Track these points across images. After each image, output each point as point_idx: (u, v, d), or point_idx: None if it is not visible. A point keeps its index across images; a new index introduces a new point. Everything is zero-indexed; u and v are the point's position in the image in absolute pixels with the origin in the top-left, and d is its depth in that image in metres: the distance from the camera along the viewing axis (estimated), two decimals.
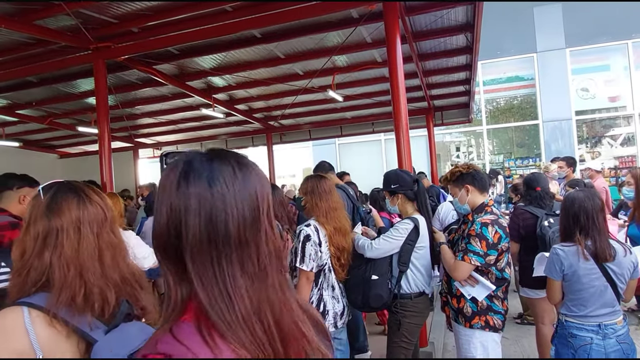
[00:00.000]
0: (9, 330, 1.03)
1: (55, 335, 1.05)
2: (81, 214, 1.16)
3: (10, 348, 1.02)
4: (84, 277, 1.10)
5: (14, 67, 6.33)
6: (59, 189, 1.21)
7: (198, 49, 6.28)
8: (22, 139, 11.26)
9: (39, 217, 1.15)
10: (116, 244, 1.21)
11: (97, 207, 1.20)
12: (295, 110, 9.78)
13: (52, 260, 1.10)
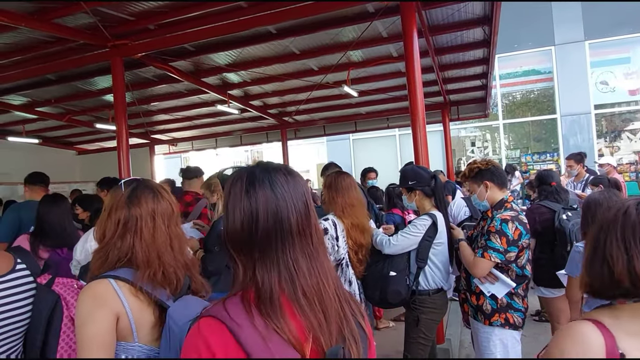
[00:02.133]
0: (105, 295, 1.23)
1: (139, 303, 1.26)
2: (156, 207, 1.35)
3: (110, 307, 1.21)
4: (161, 258, 1.31)
5: (33, 65, 6.43)
6: (138, 184, 1.39)
7: (213, 46, 6.31)
8: (41, 135, 11.46)
9: (120, 207, 1.33)
10: (180, 235, 1.43)
11: (167, 203, 1.39)
12: (309, 106, 9.77)
13: (135, 243, 1.30)
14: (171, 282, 1.31)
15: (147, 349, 1.28)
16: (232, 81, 8.11)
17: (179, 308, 1.24)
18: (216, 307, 0.87)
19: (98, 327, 1.18)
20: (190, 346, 0.84)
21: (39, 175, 4.13)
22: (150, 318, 1.27)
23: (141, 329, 1.26)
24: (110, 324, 1.20)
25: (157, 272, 1.28)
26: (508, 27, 9.89)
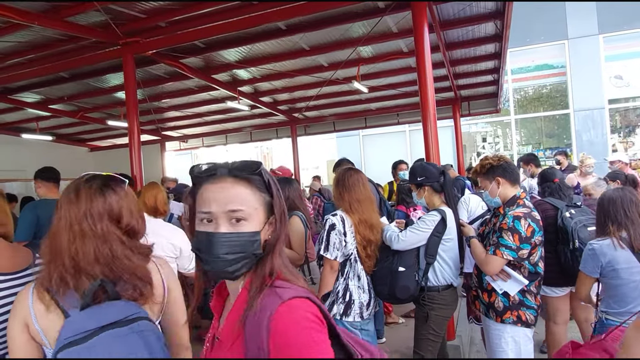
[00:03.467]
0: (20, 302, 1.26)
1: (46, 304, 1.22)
2: (68, 209, 1.30)
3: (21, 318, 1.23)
4: (57, 265, 1.23)
5: (47, 64, 6.51)
6: (70, 185, 1.37)
7: (223, 42, 6.32)
8: (55, 132, 11.60)
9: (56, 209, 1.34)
10: (90, 235, 1.28)
11: (80, 202, 1.31)
12: (319, 102, 9.76)
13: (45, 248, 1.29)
14: (78, 288, 1.23)
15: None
16: (242, 78, 8.13)
17: (78, 318, 1.17)
18: (280, 292, 0.92)
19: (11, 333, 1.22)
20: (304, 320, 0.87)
21: (51, 170, 4.15)
22: (56, 324, 1.20)
23: (50, 337, 1.21)
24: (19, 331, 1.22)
25: (58, 278, 1.23)
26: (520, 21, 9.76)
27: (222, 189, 0.96)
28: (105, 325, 1.14)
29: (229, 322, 0.96)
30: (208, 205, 0.96)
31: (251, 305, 0.91)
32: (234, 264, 0.94)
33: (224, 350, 0.94)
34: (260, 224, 0.97)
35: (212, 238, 0.93)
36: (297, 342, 0.84)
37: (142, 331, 1.19)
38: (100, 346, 1.10)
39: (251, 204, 0.96)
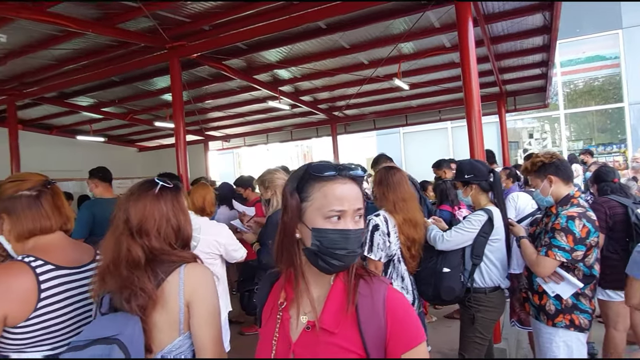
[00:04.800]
0: None
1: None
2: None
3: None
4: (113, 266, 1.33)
5: (99, 69, 6.84)
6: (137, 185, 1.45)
7: (265, 43, 6.41)
8: (106, 134, 12.19)
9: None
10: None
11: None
12: (359, 100, 9.71)
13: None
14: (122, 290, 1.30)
15: None
16: (282, 77, 8.22)
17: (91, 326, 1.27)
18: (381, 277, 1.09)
19: None
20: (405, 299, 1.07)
21: (106, 171, 4.34)
22: None
23: None
24: None
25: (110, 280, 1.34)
26: (569, 10, 9.30)
27: (350, 189, 1.05)
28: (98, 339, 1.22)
29: (330, 310, 1.03)
30: (340, 204, 1.02)
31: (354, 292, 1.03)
32: (355, 258, 1.05)
33: (329, 336, 1.01)
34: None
35: (349, 234, 1.01)
36: (408, 318, 1.01)
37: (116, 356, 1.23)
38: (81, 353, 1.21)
39: (362, 203, 1.06)
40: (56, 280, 1.39)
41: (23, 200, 1.45)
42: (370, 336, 0.97)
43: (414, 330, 1.00)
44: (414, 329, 1.00)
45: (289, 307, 1.10)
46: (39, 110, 9.72)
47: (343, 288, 1.03)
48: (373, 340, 0.97)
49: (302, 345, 1.03)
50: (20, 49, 5.96)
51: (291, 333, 1.07)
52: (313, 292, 1.08)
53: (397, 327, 0.98)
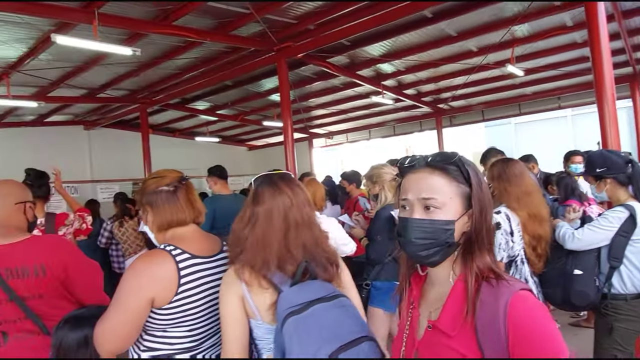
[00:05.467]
0: (229, 281, 1.41)
1: (257, 286, 1.38)
2: (273, 203, 1.44)
3: (234, 291, 1.39)
4: (269, 250, 1.39)
5: (215, 74, 7.42)
6: (260, 182, 1.50)
7: (368, 38, 6.39)
8: (220, 135, 13.19)
9: (248, 204, 1.48)
10: (300, 223, 1.45)
11: (285, 196, 1.46)
12: (467, 90, 9.23)
13: (248, 236, 1.42)
14: (284, 269, 1.38)
15: (270, 328, 1.38)
16: (385, 72, 8.13)
17: (290, 293, 1.33)
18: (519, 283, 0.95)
19: (227, 308, 1.38)
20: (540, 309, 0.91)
21: (223, 169, 4.66)
22: (269, 299, 1.37)
23: (261, 309, 1.38)
24: (234, 306, 1.38)
25: (261, 262, 1.38)
26: None
27: (419, 178, 1.01)
28: (313, 300, 1.29)
29: (449, 311, 0.98)
30: (405, 193, 1.03)
31: (475, 296, 0.94)
32: (426, 250, 0.98)
33: (446, 338, 0.96)
34: (455, 214, 0.98)
35: (406, 223, 1.00)
36: (538, 331, 0.87)
37: (345, 306, 1.32)
38: (316, 315, 1.25)
39: (445, 193, 0.98)
40: (192, 267, 1.50)
41: (163, 194, 1.59)
42: (489, 346, 0.89)
43: (546, 346, 0.85)
44: (548, 345, 0.85)
45: (417, 305, 1.08)
46: (165, 116, 10.86)
47: (463, 289, 0.96)
48: (492, 351, 0.89)
49: (424, 345, 1.02)
50: (150, 61, 6.69)
51: (418, 331, 1.05)
52: (435, 290, 1.06)
53: (520, 340, 0.86)
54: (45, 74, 6.60)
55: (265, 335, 1.41)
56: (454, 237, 0.97)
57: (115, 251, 5.60)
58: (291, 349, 1.20)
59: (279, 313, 1.29)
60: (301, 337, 1.20)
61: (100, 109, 9.89)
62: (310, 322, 1.24)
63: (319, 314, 1.26)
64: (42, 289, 1.77)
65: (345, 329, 1.24)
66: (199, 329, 1.53)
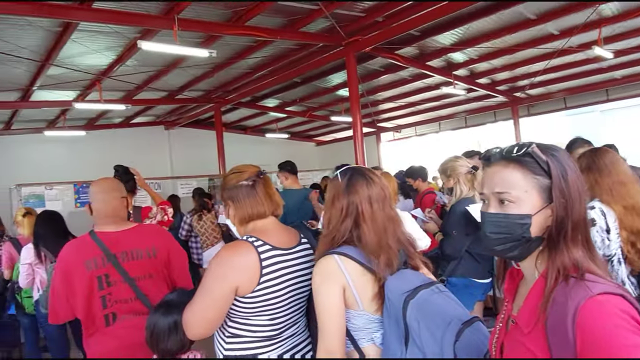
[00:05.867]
0: (330, 270, 1.40)
1: (360, 275, 1.40)
2: (370, 193, 1.45)
3: (335, 281, 1.39)
4: (381, 238, 1.42)
5: (284, 72, 7.58)
6: (352, 173, 1.50)
7: (438, 27, 6.19)
8: (289, 131, 13.48)
9: (341, 195, 1.47)
10: (393, 216, 1.49)
11: (378, 187, 1.48)
12: (546, 77, 8.64)
13: (360, 225, 1.43)
14: (390, 259, 1.39)
15: (372, 317, 1.39)
16: (457, 61, 7.83)
17: (395, 281, 1.35)
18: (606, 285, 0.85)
19: (329, 298, 1.38)
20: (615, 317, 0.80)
21: (294, 165, 4.75)
22: (371, 289, 1.39)
23: (364, 299, 1.38)
24: (337, 295, 1.37)
25: (383, 252, 1.40)
26: None
27: (493, 172, 1.00)
28: (418, 286, 1.32)
29: (526, 308, 0.95)
30: (482, 187, 1.03)
31: (549, 295, 0.89)
32: (501, 244, 0.96)
33: (521, 334, 0.94)
34: (532, 208, 0.93)
35: (482, 217, 1.00)
36: (606, 340, 0.78)
37: (443, 291, 1.36)
38: (428, 300, 1.29)
39: (520, 186, 0.95)
40: (273, 259, 1.55)
41: (243, 189, 1.65)
42: (557, 348, 0.84)
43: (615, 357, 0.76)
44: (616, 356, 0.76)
45: (511, 299, 1.06)
46: (236, 114, 11.30)
47: (543, 286, 0.92)
48: (560, 353, 0.84)
49: (509, 339, 1.00)
50: (224, 62, 6.98)
51: (507, 325, 1.04)
52: (524, 285, 1.03)
53: (587, 348, 0.79)
54: (132, 78, 7.13)
55: (367, 325, 1.41)
56: (530, 231, 0.93)
57: (195, 243, 5.93)
58: (419, 333, 1.23)
59: (393, 299, 1.31)
60: (426, 321, 1.24)
61: (178, 109, 10.52)
62: (426, 306, 1.27)
63: (429, 298, 1.29)
64: (152, 269, 2.06)
65: (455, 311, 1.28)
66: (279, 319, 1.58)
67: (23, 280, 3.35)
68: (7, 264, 3.73)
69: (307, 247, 1.69)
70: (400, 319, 1.27)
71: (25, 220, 3.73)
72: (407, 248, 1.49)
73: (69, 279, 1.94)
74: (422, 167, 5.21)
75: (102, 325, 1.95)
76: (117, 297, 1.97)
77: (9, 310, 3.87)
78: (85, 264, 1.93)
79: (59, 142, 9.89)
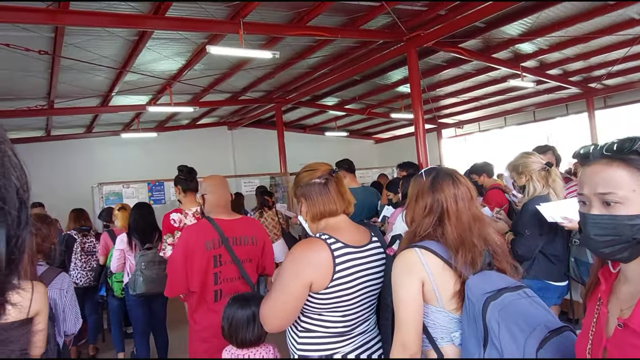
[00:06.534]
0: (411, 263, 1.41)
1: (441, 271, 1.38)
2: (456, 192, 1.45)
3: (416, 274, 1.39)
4: (465, 236, 1.41)
5: (344, 70, 7.60)
6: (437, 172, 1.52)
7: (505, 17, 5.92)
8: (348, 129, 13.49)
9: (425, 193, 1.49)
10: (479, 215, 1.48)
11: (465, 187, 1.48)
12: (626, 65, 7.99)
13: (444, 222, 1.43)
14: (473, 257, 1.38)
15: (452, 315, 1.37)
16: (525, 52, 7.45)
17: (477, 280, 1.32)
18: None
19: (408, 291, 1.37)
20: None
21: (349, 162, 4.74)
22: (452, 287, 1.37)
23: (444, 295, 1.37)
24: (416, 289, 1.37)
25: (466, 250, 1.38)
26: None
27: (594, 172, 0.95)
28: (502, 288, 1.28)
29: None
30: (582, 188, 0.97)
31: None
32: (609, 247, 0.92)
33: (637, 338, 0.89)
34: None
35: (584, 219, 0.96)
36: None
37: (531, 296, 1.30)
38: (512, 302, 1.24)
39: (628, 186, 0.90)
40: (346, 256, 1.57)
41: (315, 187, 1.69)
42: None
43: None
44: None
45: (606, 301, 1.00)
46: (296, 113, 11.48)
47: None
48: None
49: (614, 344, 0.94)
50: (285, 62, 7.12)
51: (606, 329, 0.98)
52: (629, 287, 0.97)
53: None
54: (199, 82, 7.48)
55: (446, 323, 1.40)
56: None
57: None
58: (499, 335, 1.20)
59: (473, 299, 1.29)
60: (508, 324, 1.19)
61: (241, 110, 10.88)
62: (510, 309, 1.23)
63: (514, 301, 1.24)
64: (252, 254, 2.40)
65: (543, 318, 1.22)
66: (351, 315, 1.60)
67: (114, 265, 3.75)
68: (103, 252, 4.17)
69: (377, 245, 1.70)
70: (480, 319, 1.24)
71: (120, 213, 4.17)
72: (494, 249, 1.46)
73: (190, 256, 2.26)
74: (487, 163, 5.03)
75: (211, 300, 2.28)
76: (226, 276, 2.30)
77: (100, 291, 4.29)
78: (205, 244, 2.26)
79: (133, 144, 10.60)
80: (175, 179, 3.52)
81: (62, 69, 6.12)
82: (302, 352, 1.61)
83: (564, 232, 2.84)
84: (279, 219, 5.84)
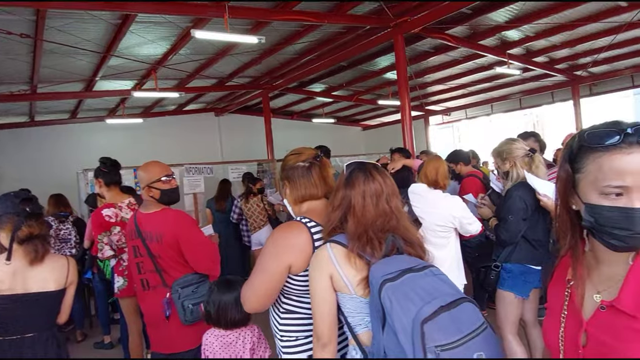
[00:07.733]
0: (322, 259, 1.49)
1: (349, 261, 1.45)
2: (365, 188, 1.51)
3: (323, 270, 1.47)
4: (367, 231, 1.47)
5: (331, 56, 7.55)
6: (353, 168, 1.57)
7: (492, 4, 5.92)
8: (335, 116, 13.46)
9: (341, 187, 1.55)
10: (388, 211, 1.52)
11: (377, 184, 1.53)
12: (612, 53, 8.07)
13: (347, 217, 1.50)
14: (375, 247, 1.44)
15: (363, 300, 1.43)
16: (511, 39, 7.47)
17: (380, 265, 1.38)
18: None
19: (318, 285, 1.47)
20: None
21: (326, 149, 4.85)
22: (359, 273, 1.44)
23: (353, 282, 1.44)
24: (325, 283, 1.47)
25: (363, 241, 1.45)
26: None
27: (636, 161, 0.85)
28: (405, 269, 1.34)
29: (630, 292, 0.89)
30: (620, 178, 0.86)
31: None
32: None
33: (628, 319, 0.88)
34: None
35: (633, 214, 0.85)
36: None
37: (437, 274, 1.36)
38: (411, 281, 1.30)
39: None
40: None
41: (299, 170, 1.71)
42: None
43: None
44: None
45: (578, 284, 0.99)
46: (283, 100, 11.41)
47: None
48: None
49: (596, 326, 0.94)
50: (272, 48, 7.05)
51: (583, 312, 0.97)
52: (604, 269, 0.96)
53: None
54: (184, 67, 7.37)
55: (359, 308, 1.46)
56: None
57: (245, 226, 6.13)
58: (392, 312, 1.24)
59: (373, 282, 1.34)
60: (400, 300, 1.24)
61: (228, 96, 10.77)
62: (407, 286, 1.27)
63: (413, 280, 1.30)
64: (160, 251, 2.45)
65: (442, 291, 1.27)
66: None
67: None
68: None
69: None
70: (377, 300, 1.29)
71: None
72: (409, 239, 1.51)
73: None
74: (463, 151, 5.06)
75: (140, 289, 2.57)
76: (146, 268, 2.51)
77: (86, 274, 4.27)
78: (129, 232, 2.61)
79: (119, 130, 10.45)
80: (96, 171, 3.41)
81: (45, 53, 5.97)
82: (284, 333, 1.65)
83: (546, 217, 2.90)
84: (264, 205, 5.84)
